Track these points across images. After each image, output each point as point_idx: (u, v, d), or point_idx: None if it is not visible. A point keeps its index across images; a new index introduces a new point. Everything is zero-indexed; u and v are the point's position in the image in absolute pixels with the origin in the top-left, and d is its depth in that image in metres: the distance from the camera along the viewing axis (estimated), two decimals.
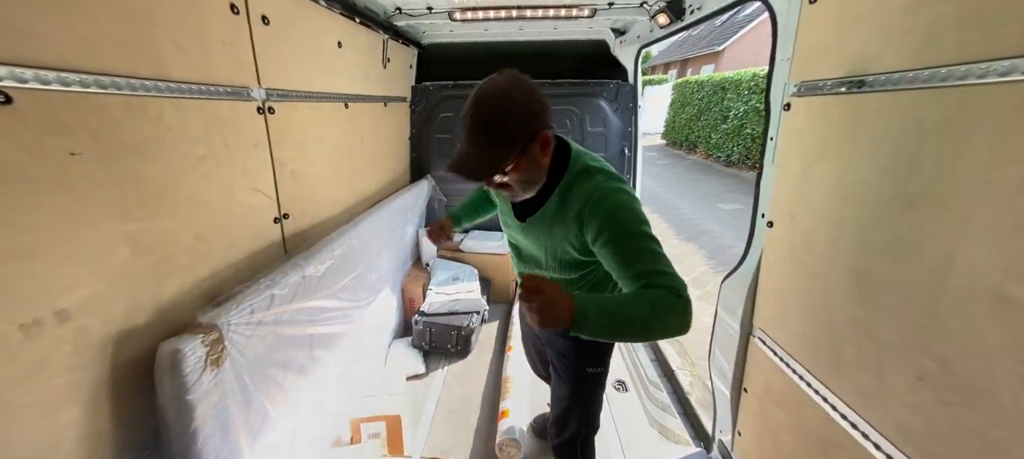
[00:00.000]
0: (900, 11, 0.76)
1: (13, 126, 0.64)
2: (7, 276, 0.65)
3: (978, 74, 0.61)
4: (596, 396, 1.23)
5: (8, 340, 0.65)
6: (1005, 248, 0.58)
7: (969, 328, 0.65)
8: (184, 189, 0.98)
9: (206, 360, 0.97)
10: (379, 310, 2.18)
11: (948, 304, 0.68)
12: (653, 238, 0.80)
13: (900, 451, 0.81)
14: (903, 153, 0.75)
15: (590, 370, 1.16)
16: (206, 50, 1.02)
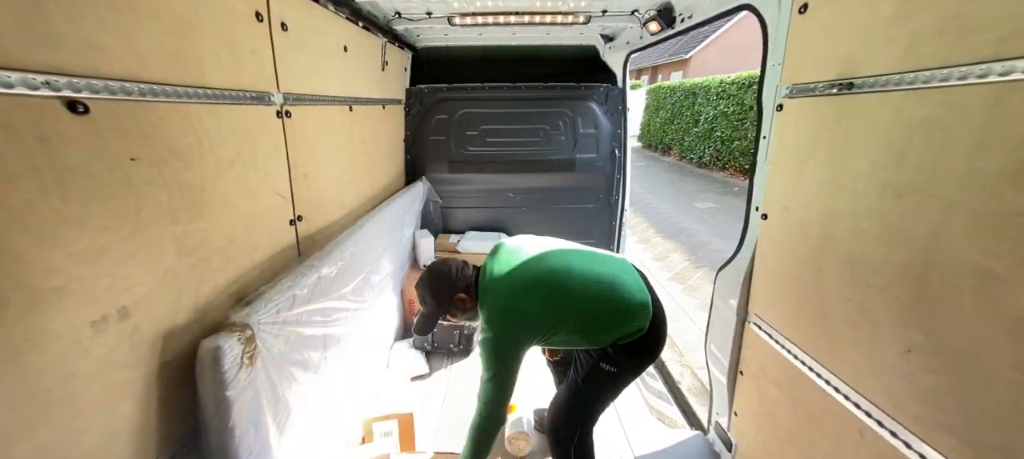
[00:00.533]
0: (886, 21, 0.87)
1: (90, 134, 0.66)
2: (84, 275, 0.65)
3: (959, 76, 0.71)
4: (602, 396, 1.30)
5: (81, 336, 0.66)
6: (985, 229, 0.69)
7: (953, 302, 0.75)
8: (218, 192, 0.98)
9: (242, 357, 0.96)
10: (381, 312, 2.17)
11: (934, 281, 0.79)
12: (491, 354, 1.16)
13: (889, 416, 0.91)
14: (892, 148, 0.86)
15: (603, 366, 1.24)
16: (237, 57, 1.02)
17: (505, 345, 1.14)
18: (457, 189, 2.94)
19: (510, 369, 1.14)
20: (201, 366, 0.88)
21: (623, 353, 1.22)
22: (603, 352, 1.22)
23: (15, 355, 0.58)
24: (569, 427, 1.31)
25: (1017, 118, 0.63)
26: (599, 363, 1.23)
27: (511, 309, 1.16)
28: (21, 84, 0.56)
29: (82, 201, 0.66)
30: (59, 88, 0.61)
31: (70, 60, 0.63)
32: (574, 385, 1.31)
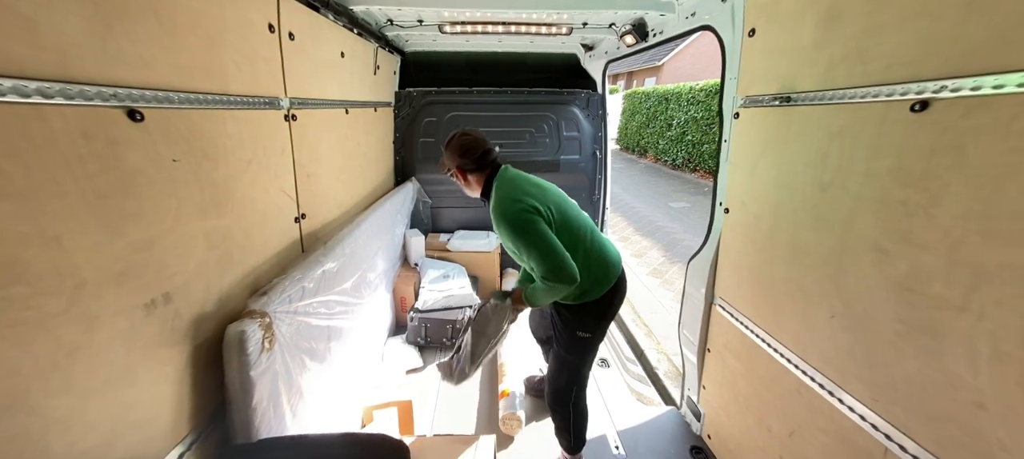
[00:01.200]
0: (809, 48, 1.07)
1: (145, 139, 0.75)
2: (139, 262, 0.74)
3: (860, 96, 0.91)
4: (585, 358, 1.47)
5: (136, 316, 0.74)
6: (879, 214, 0.88)
7: (859, 273, 0.95)
8: (239, 191, 1.06)
9: (263, 342, 1.06)
10: (376, 308, 2.25)
11: (848, 259, 0.98)
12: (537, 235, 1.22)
13: (819, 372, 1.11)
14: (818, 151, 1.06)
15: (579, 334, 1.41)
16: (253, 66, 1.11)
17: (529, 222, 1.22)
18: (446, 189, 3.05)
19: (545, 235, 1.21)
20: (229, 348, 0.97)
21: (592, 316, 1.39)
22: (578, 321, 1.39)
23: (91, 328, 0.67)
24: (566, 389, 1.49)
25: (898, 129, 0.83)
26: (576, 332, 1.41)
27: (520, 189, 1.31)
28: (97, 97, 0.65)
29: (139, 198, 0.75)
30: (122, 99, 0.70)
31: (130, 74, 0.72)
32: (559, 355, 1.49)
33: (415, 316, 2.44)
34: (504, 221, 1.25)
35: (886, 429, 0.90)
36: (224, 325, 1.00)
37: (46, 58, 0.58)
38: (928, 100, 0.77)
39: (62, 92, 0.60)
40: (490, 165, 1.39)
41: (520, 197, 1.27)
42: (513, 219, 1.23)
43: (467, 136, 1.39)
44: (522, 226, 1.22)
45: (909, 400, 0.85)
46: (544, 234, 1.20)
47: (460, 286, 2.56)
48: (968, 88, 0.69)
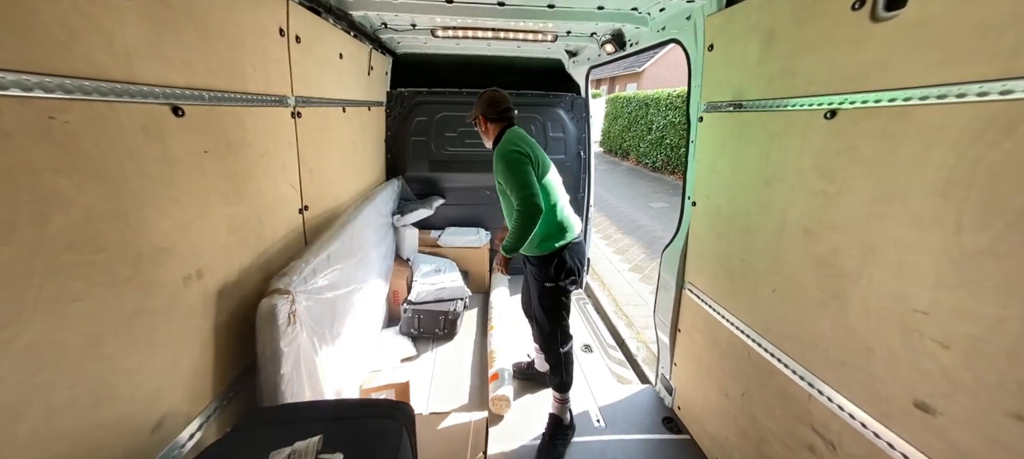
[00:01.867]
0: (754, 64, 1.27)
1: (184, 132, 0.86)
2: (180, 241, 0.85)
3: (790, 105, 1.11)
4: (556, 305, 1.74)
5: (178, 288, 0.86)
6: (806, 203, 1.08)
7: (793, 252, 1.15)
8: (253, 182, 1.17)
9: (289, 316, 1.17)
10: (372, 298, 2.36)
11: (786, 241, 1.18)
12: (518, 172, 1.55)
13: (764, 339, 1.30)
14: (762, 150, 1.25)
15: (546, 285, 1.71)
16: (267, 67, 1.22)
17: (518, 161, 1.56)
18: (437, 187, 3.17)
19: (527, 172, 1.55)
20: (262, 320, 1.08)
21: (553, 268, 1.69)
22: (543, 272, 1.71)
23: (148, 294, 0.78)
24: (552, 333, 1.76)
25: (817, 133, 1.03)
26: (544, 284, 1.71)
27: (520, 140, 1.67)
28: (151, 96, 0.77)
29: (178, 185, 0.86)
30: (169, 98, 0.82)
31: (175, 76, 0.84)
32: (539, 307, 1.76)
33: (409, 308, 2.56)
34: (501, 157, 1.59)
35: (810, 379, 1.10)
36: (243, 302, 1.11)
37: (118, 63, 0.70)
38: (835, 110, 0.96)
39: (127, 91, 0.71)
40: (506, 119, 1.75)
41: (519, 144, 1.62)
42: (508, 156, 1.57)
43: (496, 92, 1.76)
44: (513, 162, 1.55)
45: (825, 353, 1.04)
46: (527, 171, 1.55)
47: (452, 279, 2.69)
48: (859, 102, 0.89)
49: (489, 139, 1.77)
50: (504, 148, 1.61)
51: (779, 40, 1.16)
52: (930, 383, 0.77)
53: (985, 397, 0.67)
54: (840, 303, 0.98)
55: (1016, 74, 0.60)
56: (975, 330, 0.67)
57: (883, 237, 0.85)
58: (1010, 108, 0.61)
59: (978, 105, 0.66)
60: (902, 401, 0.83)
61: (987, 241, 0.65)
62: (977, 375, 0.68)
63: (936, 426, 0.76)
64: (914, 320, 0.78)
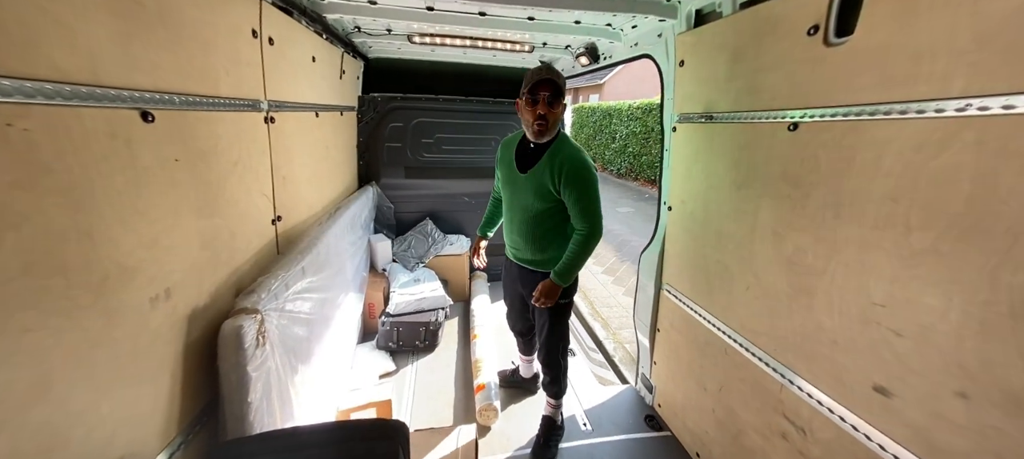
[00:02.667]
0: (722, 80, 1.38)
1: (154, 139, 0.79)
2: (147, 258, 0.78)
3: (756, 117, 1.21)
4: (567, 321, 1.72)
5: (144, 310, 0.78)
6: (775, 207, 1.18)
7: (764, 253, 1.25)
8: (226, 192, 1.10)
9: (256, 338, 1.09)
10: (345, 315, 2.26)
11: (757, 243, 1.28)
12: (595, 194, 1.46)
13: (738, 334, 1.40)
14: (732, 158, 1.36)
15: (561, 301, 1.63)
16: (239, 70, 1.16)
17: (596, 179, 1.48)
18: (413, 194, 3.11)
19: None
20: (225, 344, 1.00)
21: (572, 285, 1.64)
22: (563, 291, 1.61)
23: (111, 321, 0.70)
24: (559, 348, 1.73)
25: (782, 143, 1.13)
26: (560, 301, 1.62)
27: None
28: (118, 99, 0.71)
29: (147, 195, 0.79)
30: (137, 101, 0.75)
31: (143, 78, 0.77)
32: (552, 325, 1.68)
33: (387, 320, 2.47)
34: (586, 169, 1.44)
35: (782, 371, 1.19)
36: (214, 323, 1.03)
37: (81, 63, 0.63)
38: (797, 123, 1.07)
39: (92, 95, 0.65)
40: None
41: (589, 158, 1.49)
42: (592, 172, 1.46)
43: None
44: (594, 180, 1.45)
45: (796, 346, 1.14)
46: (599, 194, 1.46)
47: (432, 289, 2.64)
48: (818, 116, 0.99)
49: (553, 124, 1.46)
50: (585, 159, 1.45)
51: (744, 59, 1.26)
52: (886, 369, 0.86)
53: (933, 379, 0.76)
54: (808, 299, 1.07)
55: (947, 95, 0.70)
56: (925, 319, 0.76)
57: (844, 237, 0.95)
58: (944, 124, 0.71)
59: (917, 121, 0.76)
60: (863, 386, 0.92)
61: (931, 240, 0.74)
62: (926, 360, 0.77)
63: (892, 407, 0.85)
64: (873, 312, 0.88)
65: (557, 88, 1.41)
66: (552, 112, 1.42)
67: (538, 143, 1.51)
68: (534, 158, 1.52)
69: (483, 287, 3.08)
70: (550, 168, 1.45)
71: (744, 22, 1.26)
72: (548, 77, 1.39)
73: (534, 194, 1.51)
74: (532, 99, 1.42)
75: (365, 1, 1.71)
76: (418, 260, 2.96)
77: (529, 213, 1.56)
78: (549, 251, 1.59)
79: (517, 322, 1.97)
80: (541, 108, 1.41)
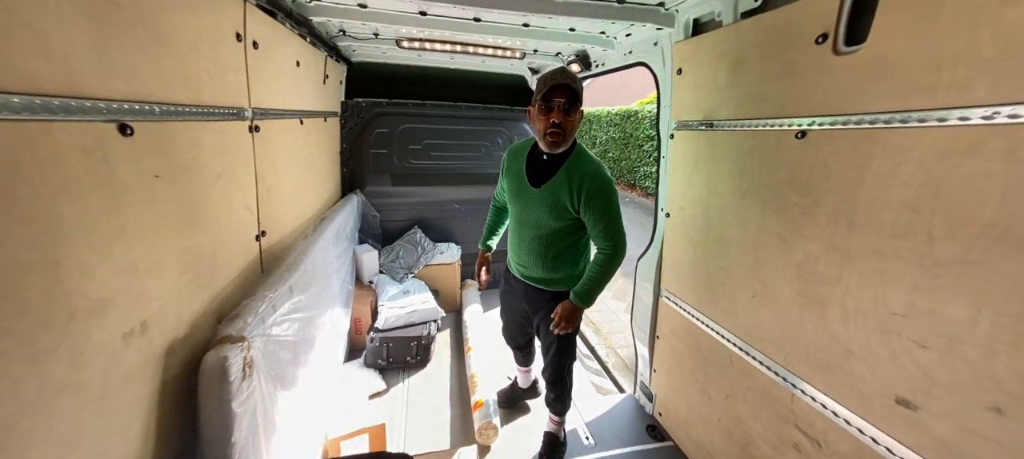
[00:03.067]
0: (724, 88, 1.39)
1: (133, 153, 0.71)
2: (122, 288, 0.69)
3: (760, 124, 1.23)
4: (574, 339, 1.68)
5: (117, 348, 0.69)
6: (781, 214, 1.19)
7: (771, 260, 1.26)
8: (209, 207, 1.01)
9: (244, 369, 1.00)
10: (332, 333, 2.15)
11: (762, 249, 1.29)
12: (618, 210, 1.39)
13: (743, 341, 1.41)
14: (736, 165, 1.37)
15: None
16: (223, 75, 1.08)
17: (617, 195, 1.41)
18: (401, 202, 3.02)
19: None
20: (208, 379, 0.91)
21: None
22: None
23: (77, 364, 0.62)
24: (567, 366, 1.67)
25: (789, 151, 1.14)
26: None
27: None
28: (94, 111, 0.62)
29: (124, 217, 0.70)
30: (115, 113, 0.67)
31: (123, 87, 0.69)
32: (559, 343, 1.60)
33: (375, 336, 2.37)
34: (607, 184, 1.36)
35: (793, 380, 1.20)
36: (194, 356, 0.94)
37: (54, 73, 0.55)
38: (805, 131, 1.08)
39: (65, 107, 0.57)
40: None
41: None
42: (613, 186, 1.38)
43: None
44: (616, 195, 1.38)
45: (807, 355, 1.14)
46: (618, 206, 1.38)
47: (423, 300, 2.56)
48: (828, 123, 1.01)
49: (569, 135, 1.34)
50: (603, 171, 1.36)
51: (746, 67, 1.28)
52: (909, 380, 0.85)
53: (963, 392, 0.75)
54: (820, 307, 1.08)
55: (972, 103, 0.71)
56: (951, 331, 0.77)
57: (859, 245, 0.95)
58: (970, 133, 0.72)
59: (938, 129, 0.77)
60: (883, 398, 0.91)
61: (957, 251, 0.74)
62: (954, 372, 0.76)
63: (917, 420, 0.84)
64: (892, 322, 0.88)
65: (574, 93, 1.28)
66: (568, 120, 1.30)
67: (552, 155, 1.39)
68: (548, 172, 1.41)
69: (475, 296, 3.02)
70: (569, 184, 1.36)
71: (746, 31, 1.27)
72: (564, 82, 1.26)
73: (548, 211, 1.41)
74: (546, 106, 1.30)
75: (355, 5, 1.64)
76: (407, 271, 2.87)
77: (542, 232, 1.46)
78: (562, 271, 1.51)
79: (516, 337, 1.90)
80: (556, 116, 1.28)
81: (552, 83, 1.27)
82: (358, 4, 1.65)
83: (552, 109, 1.29)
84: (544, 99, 1.29)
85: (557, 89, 1.27)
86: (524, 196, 1.48)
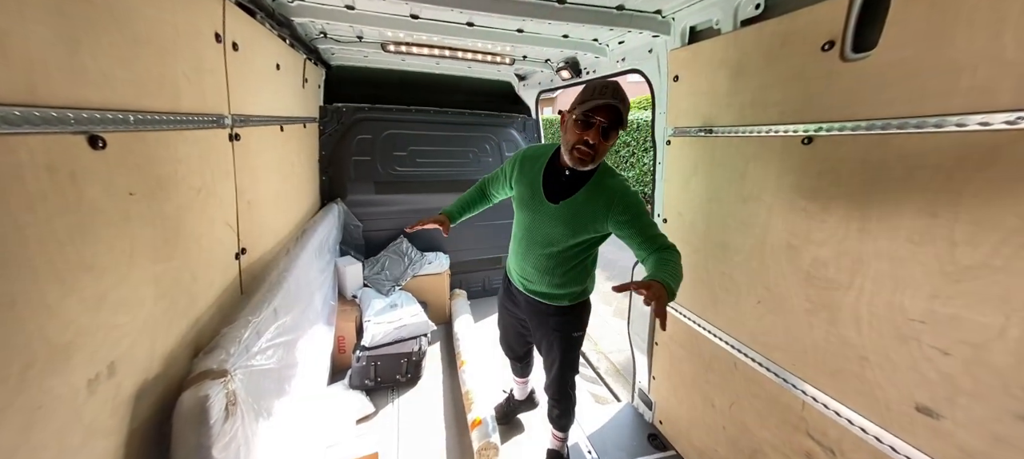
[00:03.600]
0: (724, 95, 1.41)
1: (104, 169, 0.62)
2: (88, 326, 0.60)
3: (764, 131, 1.25)
4: (577, 353, 1.63)
5: (79, 399, 0.59)
6: (788, 219, 1.21)
7: (777, 266, 1.27)
8: (188, 225, 0.92)
9: (227, 407, 0.91)
10: (315, 355, 2.02)
11: (768, 255, 1.31)
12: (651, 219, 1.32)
13: (750, 348, 1.42)
14: (737, 170, 1.38)
15: (574, 334, 1.54)
16: (201, 79, 0.98)
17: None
18: (385, 210, 2.91)
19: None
20: (182, 423, 0.80)
21: (586, 314, 1.57)
22: (576, 320, 1.54)
23: (31, 423, 0.52)
24: (570, 382, 1.63)
25: (795, 156, 1.16)
26: (572, 334, 1.54)
27: None
28: (61, 122, 0.54)
29: (94, 242, 0.61)
30: (84, 123, 0.58)
31: (93, 93, 0.60)
32: (563, 358, 1.56)
33: (362, 355, 2.25)
34: (637, 197, 1.29)
35: (802, 387, 1.21)
36: (168, 396, 0.83)
37: (16, 79, 0.47)
38: (812, 136, 1.10)
39: (27, 118, 0.48)
40: None
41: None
42: (640, 197, 1.32)
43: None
44: (644, 205, 1.31)
45: (817, 362, 1.16)
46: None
47: (412, 313, 2.46)
48: (837, 129, 1.03)
49: (596, 163, 1.26)
50: (629, 187, 1.30)
51: (748, 74, 1.30)
52: (931, 388, 0.85)
53: (991, 401, 0.75)
54: (829, 313, 1.10)
55: (994, 108, 0.73)
56: (976, 338, 0.77)
57: (872, 251, 0.97)
58: (992, 137, 0.73)
59: (956, 134, 0.78)
60: (903, 405, 0.91)
61: (982, 256, 0.74)
62: (980, 380, 0.76)
63: (941, 429, 0.84)
64: (910, 328, 0.88)
65: (618, 117, 1.15)
66: (603, 144, 1.19)
67: (575, 171, 1.29)
68: (569, 188, 1.32)
69: (465, 307, 2.94)
70: (595, 204, 1.28)
71: (747, 38, 1.29)
72: (612, 102, 1.13)
73: (567, 227, 1.33)
74: (584, 121, 1.18)
75: (342, 6, 1.56)
76: (394, 283, 2.76)
77: (555, 248, 1.38)
78: (568, 287, 1.46)
79: (515, 347, 1.84)
80: (592, 136, 1.16)
81: (599, 100, 1.14)
82: (345, 5, 1.57)
83: (590, 126, 1.17)
84: (584, 112, 1.17)
85: (601, 108, 1.15)
86: (538, 210, 1.40)
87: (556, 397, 1.66)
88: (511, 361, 1.95)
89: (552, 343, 1.55)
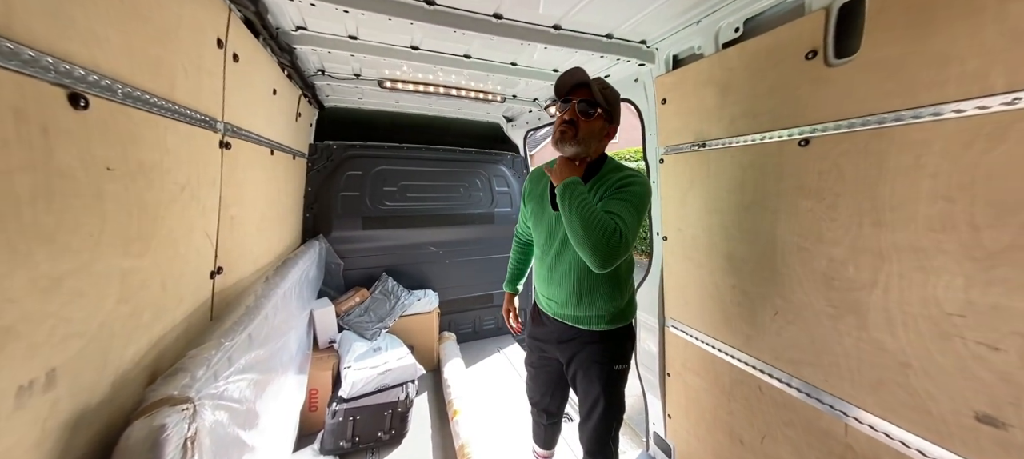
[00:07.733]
0: (714, 109, 1.47)
1: (83, 133, 0.57)
2: (34, 313, 0.50)
3: (758, 138, 1.30)
4: (621, 390, 1.41)
5: (4, 408, 0.48)
6: (794, 221, 1.21)
7: (790, 272, 1.25)
8: (166, 223, 0.84)
9: (185, 445, 0.77)
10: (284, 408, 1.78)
11: (779, 261, 1.29)
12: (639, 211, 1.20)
13: (772, 366, 1.34)
14: (735, 180, 1.41)
15: (616, 367, 1.37)
16: (199, 77, 0.97)
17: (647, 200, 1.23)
18: (370, 246, 2.83)
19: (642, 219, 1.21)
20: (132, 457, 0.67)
21: (629, 342, 1.40)
22: (616, 351, 1.37)
23: None
24: (611, 429, 1.40)
25: (793, 158, 1.20)
26: (613, 367, 1.36)
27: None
28: (37, 66, 0.49)
29: (59, 211, 0.54)
30: (63, 76, 0.54)
31: (78, 49, 0.57)
32: (606, 403, 1.36)
33: (338, 408, 2.02)
34: (643, 187, 1.21)
35: (842, 407, 1.10)
36: (108, 427, 0.70)
37: None
38: (809, 138, 1.14)
39: None
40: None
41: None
42: (646, 188, 1.23)
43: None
44: (646, 199, 1.21)
45: (852, 374, 1.08)
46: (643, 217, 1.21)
47: (398, 357, 2.28)
48: (832, 128, 1.07)
49: (598, 144, 1.30)
50: (638, 175, 1.26)
51: (735, 89, 1.37)
52: (988, 392, 0.77)
53: None
54: (857, 316, 1.06)
55: (989, 92, 0.76)
56: None
57: (890, 244, 0.96)
58: (992, 119, 0.76)
59: (955, 120, 0.81)
60: (960, 416, 0.83)
61: (1009, 237, 0.71)
62: None
63: (1011, 441, 0.75)
64: (950, 324, 0.82)
65: (592, 95, 1.22)
66: (584, 122, 1.23)
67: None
68: None
69: (455, 350, 2.77)
70: (601, 191, 1.25)
71: (731, 58, 1.39)
72: (581, 80, 1.22)
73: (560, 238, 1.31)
74: (563, 104, 1.27)
75: (345, 36, 1.62)
76: (379, 325, 2.59)
77: (573, 260, 1.32)
78: (598, 306, 1.33)
79: (544, 397, 1.61)
80: (570, 113, 1.24)
81: (571, 82, 1.24)
82: (348, 36, 1.63)
83: (568, 106, 1.26)
84: (563, 99, 1.28)
85: (575, 88, 1.25)
86: (547, 222, 1.38)
87: (593, 450, 1.42)
88: (534, 420, 1.73)
89: (591, 379, 1.36)
